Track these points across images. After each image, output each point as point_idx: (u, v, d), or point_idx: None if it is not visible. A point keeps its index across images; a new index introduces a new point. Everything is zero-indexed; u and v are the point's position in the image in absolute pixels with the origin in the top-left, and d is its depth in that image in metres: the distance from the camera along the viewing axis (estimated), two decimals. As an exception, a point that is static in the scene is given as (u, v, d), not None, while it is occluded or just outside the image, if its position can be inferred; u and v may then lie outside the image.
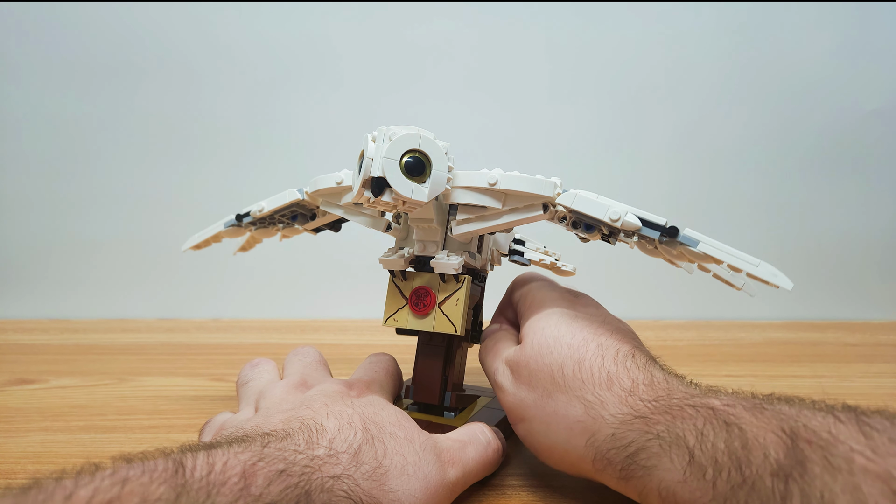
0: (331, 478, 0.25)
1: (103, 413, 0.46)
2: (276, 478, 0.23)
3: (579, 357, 0.31)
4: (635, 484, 0.26)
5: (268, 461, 0.23)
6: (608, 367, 0.30)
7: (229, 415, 0.35)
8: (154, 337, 0.71)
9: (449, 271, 0.36)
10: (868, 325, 0.79)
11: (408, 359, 0.60)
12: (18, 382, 0.53)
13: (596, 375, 0.30)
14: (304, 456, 0.25)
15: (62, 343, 0.68)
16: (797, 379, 0.56)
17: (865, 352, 0.66)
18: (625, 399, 0.28)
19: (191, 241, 0.48)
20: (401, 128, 0.32)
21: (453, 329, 0.36)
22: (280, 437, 0.26)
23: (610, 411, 0.28)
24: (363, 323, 0.78)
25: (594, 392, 0.29)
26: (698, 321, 0.81)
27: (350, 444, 0.27)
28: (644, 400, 0.28)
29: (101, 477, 0.19)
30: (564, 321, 0.33)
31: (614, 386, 0.29)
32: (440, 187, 0.32)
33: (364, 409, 0.30)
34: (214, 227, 0.46)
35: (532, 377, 0.32)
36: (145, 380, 0.55)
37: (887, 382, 0.55)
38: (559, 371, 0.31)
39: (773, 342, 0.70)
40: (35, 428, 0.43)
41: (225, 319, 0.81)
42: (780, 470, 0.21)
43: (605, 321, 0.34)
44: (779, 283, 0.31)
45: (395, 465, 0.27)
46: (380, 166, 0.30)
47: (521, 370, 0.33)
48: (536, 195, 0.33)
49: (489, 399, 0.44)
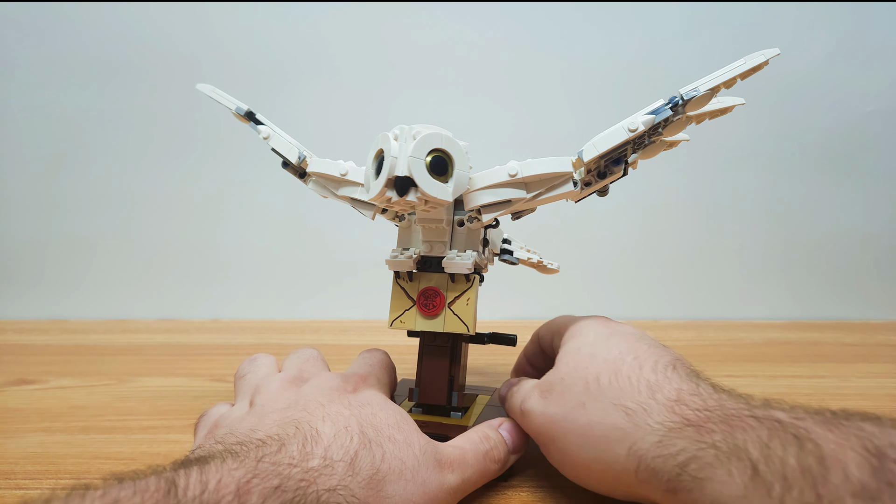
0: (326, 490, 0.24)
1: (102, 414, 0.46)
2: (270, 494, 0.22)
3: (615, 368, 0.29)
4: (684, 497, 0.24)
5: (262, 477, 0.23)
6: (647, 377, 0.28)
7: (226, 407, 0.34)
8: (153, 337, 0.71)
9: (462, 271, 0.36)
10: (867, 325, 0.79)
11: (406, 358, 0.60)
12: (18, 383, 0.53)
13: (635, 384, 0.28)
14: (298, 469, 0.24)
15: (62, 343, 0.68)
16: (796, 379, 0.56)
17: (864, 352, 0.66)
18: (671, 407, 0.26)
19: (213, 93, 0.43)
20: (423, 126, 0.31)
21: (465, 329, 0.36)
22: (275, 447, 0.25)
23: (655, 418, 0.26)
24: (363, 323, 0.78)
25: (634, 399, 0.27)
26: (697, 321, 0.81)
27: (346, 451, 0.26)
28: (694, 409, 0.26)
29: (92, 498, 0.19)
30: (600, 340, 0.32)
31: (657, 394, 0.27)
32: (462, 187, 0.32)
33: (361, 411, 0.30)
34: (233, 101, 0.42)
35: (565, 391, 0.31)
36: (145, 380, 0.55)
37: (886, 382, 0.55)
38: (594, 381, 0.29)
39: (773, 342, 0.70)
40: (34, 428, 0.43)
41: (224, 320, 0.81)
42: (865, 491, 0.19)
43: (641, 338, 0.33)
44: (767, 55, 0.30)
45: (393, 470, 0.27)
46: (406, 165, 0.30)
47: (554, 388, 0.31)
48: (558, 173, 0.33)
49: (488, 397, 0.44)
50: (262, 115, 0.41)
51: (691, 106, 0.31)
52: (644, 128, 0.31)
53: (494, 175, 0.33)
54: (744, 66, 0.30)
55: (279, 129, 0.40)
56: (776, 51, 0.30)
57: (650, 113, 0.31)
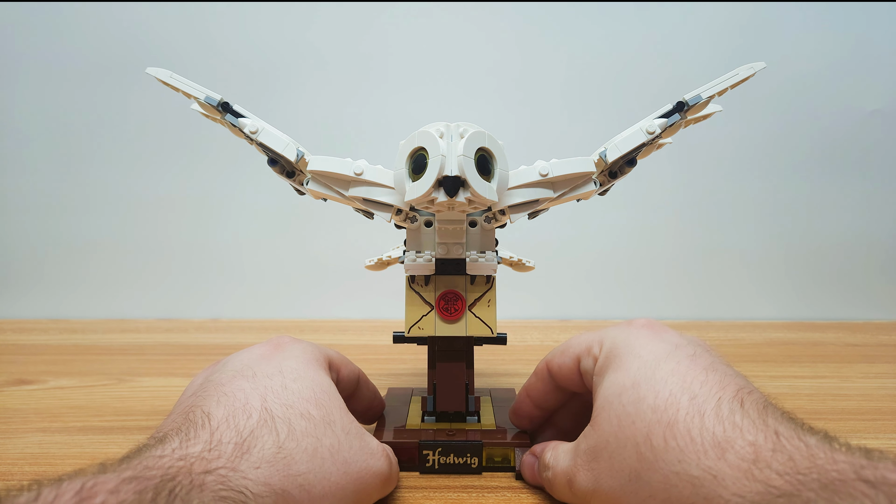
0: (203, 473, 0.22)
1: (101, 414, 0.46)
2: (118, 490, 0.19)
3: (669, 420, 0.24)
4: None
5: (115, 477, 0.20)
6: (711, 427, 0.23)
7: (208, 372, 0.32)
8: (153, 337, 0.71)
9: (488, 272, 0.35)
10: (869, 326, 0.78)
11: (406, 358, 0.60)
12: (17, 383, 0.53)
13: (697, 441, 0.23)
14: (168, 458, 0.22)
15: (61, 343, 0.68)
16: (798, 379, 0.56)
17: (866, 352, 0.66)
18: (748, 471, 0.21)
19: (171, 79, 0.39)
20: (467, 124, 0.30)
21: (489, 331, 0.36)
22: (153, 443, 0.24)
23: (731, 489, 0.21)
24: (363, 323, 0.78)
25: (699, 464, 0.22)
26: (698, 321, 0.81)
27: (239, 432, 0.24)
28: (780, 472, 0.20)
29: None
30: (645, 372, 0.27)
31: (728, 453, 0.22)
32: (504, 186, 0.32)
33: (269, 383, 0.28)
34: (200, 89, 0.37)
35: (613, 459, 0.26)
36: (144, 380, 0.55)
37: (888, 383, 0.55)
38: (646, 443, 0.24)
39: (774, 342, 0.70)
40: (33, 429, 0.43)
41: (224, 319, 0.81)
42: None
43: (695, 357, 0.27)
44: (755, 68, 0.33)
45: (304, 448, 0.25)
46: (457, 164, 0.28)
47: (600, 455, 0.26)
48: (583, 173, 0.33)
49: (488, 397, 0.44)
50: (241, 107, 0.36)
51: (692, 111, 0.33)
52: (660, 131, 0.33)
53: (524, 175, 0.33)
54: (736, 77, 0.33)
55: (266, 123, 0.36)
56: (762, 64, 0.33)
57: (661, 116, 0.34)
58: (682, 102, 0.34)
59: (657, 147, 0.36)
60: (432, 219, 0.36)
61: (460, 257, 0.35)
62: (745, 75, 0.33)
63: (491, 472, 0.36)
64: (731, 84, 0.33)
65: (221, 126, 0.38)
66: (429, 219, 0.36)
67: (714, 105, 0.36)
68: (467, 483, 0.34)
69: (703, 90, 0.34)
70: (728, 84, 0.33)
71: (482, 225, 0.36)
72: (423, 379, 0.53)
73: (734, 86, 0.34)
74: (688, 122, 0.35)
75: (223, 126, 0.38)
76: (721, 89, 0.33)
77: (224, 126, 0.38)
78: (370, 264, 0.46)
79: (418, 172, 0.30)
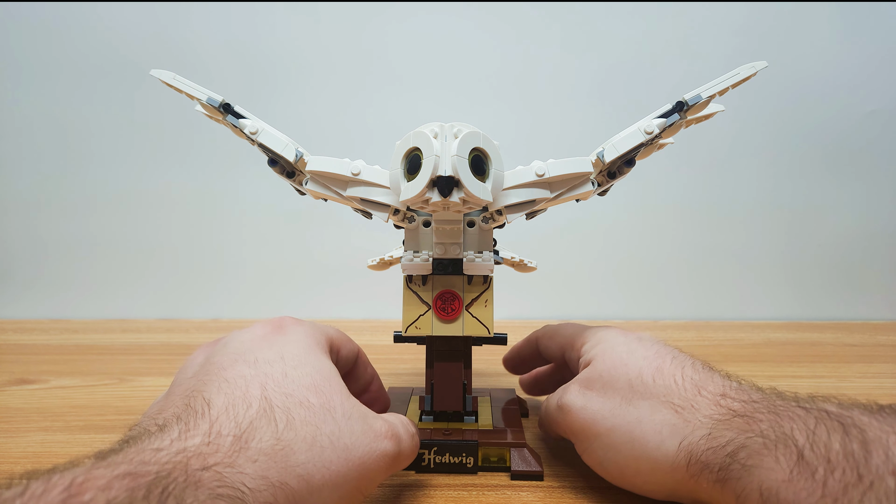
0: (201, 469, 0.21)
1: (103, 413, 0.46)
2: (110, 486, 0.19)
3: (658, 365, 0.30)
4: (734, 486, 0.24)
5: (109, 471, 0.20)
6: (690, 375, 0.29)
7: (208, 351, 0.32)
8: (154, 337, 0.71)
9: (485, 272, 0.35)
10: (867, 326, 0.79)
11: (406, 358, 0.60)
12: (18, 382, 0.53)
13: (679, 382, 0.29)
14: (165, 452, 0.22)
15: (62, 343, 0.68)
16: (796, 379, 0.56)
17: (865, 352, 0.66)
18: (717, 401, 0.27)
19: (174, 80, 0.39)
20: (461, 125, 0.31)
21: (486, 331, 0.36)
22: (155, 430, 0.23)
23: (703, 413, 0.27)
24: (363, 323, 0.78)
25: (681, 396, 0.28)
26: (697, 321, 0.81)
27: (238, 424, 0.24)
28: (740, 401, 0.27)
29: None
30: (632, 339, 0.33)
31: (703, 391, 0.28)
32: (499, 186, 0.32)
33: (269, 369, 0.27)
34: (202, 91, 0.37)
35: (607, 386, 0.31)
36: (145, 380, 0.55)
37: (886, 383, 0.55)
38: (638, 378, 0.30)
39: (773, 342, 0.70)
40: (35, 428, 0.43)
41: (224, 319, 0.81)
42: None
43: (666, 344, 0.34)
44: (756, 67, 0.33)
45: (303, 438, 0.25)
46: (451, 164, 0.29)
47: (594, 383, 0.31)
48: (580, 173, 0.33)
49: (488, 398, 0.44)
50: (242, 108, 0.37)
51: (692, 111, 0.33)
52: (658, 131, 0.33)
53: (521, 175, 0.33)
54: (737, 77, 0.33)
55: (266, 124, 0.36)
56: (764, 63, 0.33)
57: (660, 116, 0.33)
58: (682, 102, 0.33)
59: (658, 147, 0.36)
60: (430, 219, 0.36)
61: (457, 257, 0.36)
62: (746, 74, 0.33)
63: (486, 472, 0.36)
64: (731, 83, 0.33)
65: (223, 126, 0.38)
66: (427, 219, 0.36)
67: (716, 105, 0.36)
68: (467, 481, 0.35)
69: (704, 90, 0.33)
70: (729, 83, 0.33)
71: (480, 225, 0.36)
72: (423, 379, 0.53)
73: (735, 85, 0.33)
74: (689, 122, 0.35)
75: (225, 127, 0.38)
76: (721, 89, 0.33)
77: (226, 127, 0.38)
78: (372, 264, 0.46)
79: (413, 172, 0.30)
